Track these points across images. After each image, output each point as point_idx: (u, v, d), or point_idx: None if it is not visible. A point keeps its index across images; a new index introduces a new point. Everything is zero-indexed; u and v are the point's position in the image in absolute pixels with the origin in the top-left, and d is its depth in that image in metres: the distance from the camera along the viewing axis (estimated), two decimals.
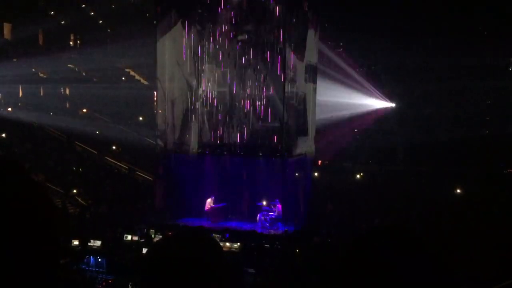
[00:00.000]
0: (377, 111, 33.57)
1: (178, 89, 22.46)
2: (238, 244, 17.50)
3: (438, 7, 29.91)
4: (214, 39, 21.93)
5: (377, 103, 33.60)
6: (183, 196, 21.84)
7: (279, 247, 17.83)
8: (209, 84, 22.40)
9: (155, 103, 24.02)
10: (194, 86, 22.38)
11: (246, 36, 21.63)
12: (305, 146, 22.15)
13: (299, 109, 21.88)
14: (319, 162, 28.60)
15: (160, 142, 22.76)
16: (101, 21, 39.96)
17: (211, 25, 21.83)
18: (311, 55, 21.84)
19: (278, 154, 21.56)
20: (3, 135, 30.20)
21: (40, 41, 38.22)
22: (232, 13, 21.57)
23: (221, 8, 21.63)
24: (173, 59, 22.25)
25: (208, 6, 21.83)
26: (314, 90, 22.32)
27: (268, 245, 17.91)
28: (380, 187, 27.13)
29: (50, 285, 1.33)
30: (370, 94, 33.01)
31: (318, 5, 22.10)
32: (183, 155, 22.48)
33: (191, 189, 21.78)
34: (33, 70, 35.76)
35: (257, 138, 21.84)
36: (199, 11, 21.95)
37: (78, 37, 40.51)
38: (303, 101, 21.90)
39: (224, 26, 21.71)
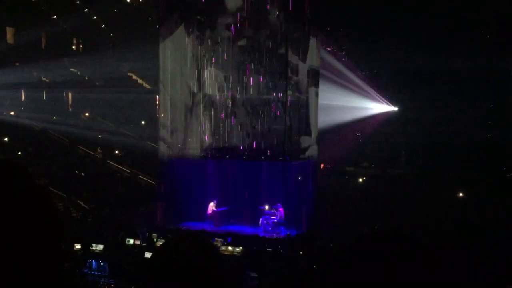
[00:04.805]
0: (379, 115, 33.55)
1: (181, 93, 22.51)
2: (240, 248, 17.46)
3: (441, 11, 29.91)
4: (216, 43, 21.99)
5: (380, 107, 33.59)
6: (185, 200, 21.83)
7: (281, 251, 17.79)
8: (211, 88, 22.45)
9: (157, 107, 24.07)
10: (196, 90, 22.43)
11: (248, 41, 21.69)
12: (308, 150, 22.14)
13: (302, 113, 21.90)
14: (322, 165, 28.57)
15: (162, 146, 22.79)
16: (103, 25, 40.04)
17: (212, 30, 21.89)
18: (313, 59, 21.86)
19: (280, 158, 21.57)
20: (6, 139, 30.27)
21: (43, 45, 38.30)
22: (234, 18, 21.63)
23: (222, 13, 21.70)
24: (175, 63, 22.31)
25: (209, 11, 21.90)
26: (317, 94, 22.32)
27: (270, 249, 17.87)
28: (382, 191, 27.09)
29: None
30: (372, 98, 33.00)
31: (319, 9, 22.13)
32: (185, 159, 22.51)
33: (193, 193, 21.77)
34: (36, 74, 35.82)
35: (260, 142, 21.86)
36: (199, 17, 22.02)
37: (80, 41, 40.59)
38: (305, 105, 21.91)
39: (225, 31, 21.77)
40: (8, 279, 1.25)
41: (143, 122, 36.75)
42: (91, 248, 17.32)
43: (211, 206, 21.61)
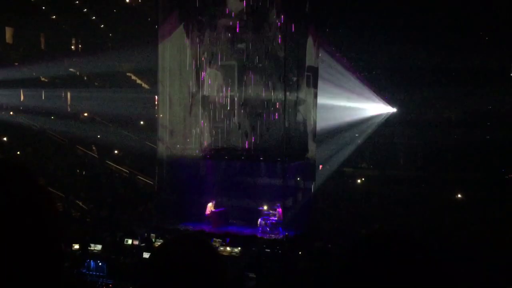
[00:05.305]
0: (378, 116, 33.57)
1: (179, 93, 22.51)
2: (239, 248, 17.47)
3: (439, 12, 29.95)
4: (215, 43, 21.99)
5: (378, 107, 33.60)
6: (184, 200, 21.82)
7: (279, 251, 17.80)
8: (210, 88, 22.46)
9: (156, 107, 24.07)
10: (195, 90, 22.43)
11: (247, 41, 21.71)
12: (306, 150, 22.15)
13: (300, 113, 21.91)
14: (320, 166, 28.58)
15: (161, 146, 22.78)
16: (102, 26, 40.03)
17: (212, 30, 21.90)
18: (312, 60, 21.88)
19: (279, 159, 21.57)
20: (5, 138, 30.24)
21: (42, 45, 38.28)
22: (233, 18, 21.64)
23: (221, 14, 21.70)
24: (174, 63, 22.31)
25: (209, 12, 21.90)
26: (315, 94, 22.35)
27: (268, 250, 17.88)
28: (381, 192, 27.10)
29: None
30: (371, 98, 33.02)
31: (318, 10, 22.15)
32: (184, 159, 22.50)
33: (192, 193, 21.77)
34: (35, 74, 35.80)
35: (258, 142, 21.87)
36: (199, 17, 22.03)
37: (79, 41, 40.57)
38: (304, 105, 21.93)
39: (225, 31, 21.77)
40: (8, 279, 1.25)
41: (141, 122, 36.72)
42: (89, 248, 17.32)
43: (210, 207, 21.62)
